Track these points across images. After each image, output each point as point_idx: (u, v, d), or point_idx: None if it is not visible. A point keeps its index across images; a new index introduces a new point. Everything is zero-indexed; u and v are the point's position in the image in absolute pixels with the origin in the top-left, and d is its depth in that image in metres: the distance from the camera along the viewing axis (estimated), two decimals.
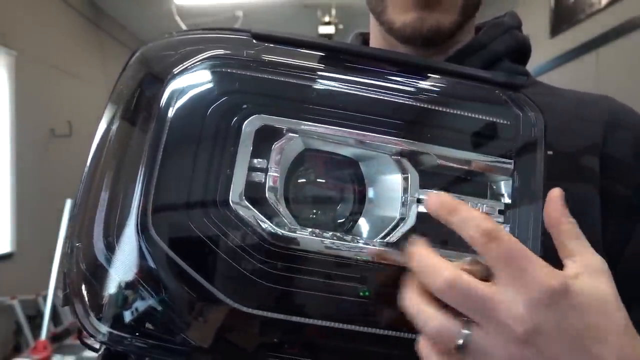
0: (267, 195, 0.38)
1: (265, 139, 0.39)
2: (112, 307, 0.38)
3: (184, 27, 6.15)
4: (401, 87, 0.42)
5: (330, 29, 5.89)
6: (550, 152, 0.47)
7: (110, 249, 0.38)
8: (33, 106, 4.59)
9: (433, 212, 0.35)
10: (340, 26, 5.90)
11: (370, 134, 0.40)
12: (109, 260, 0.38)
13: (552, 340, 0.31)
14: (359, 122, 0.40)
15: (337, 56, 0.44)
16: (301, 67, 0.42)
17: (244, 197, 0.38)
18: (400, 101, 0.41)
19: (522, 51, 0.64)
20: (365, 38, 0.68)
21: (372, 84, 0.42)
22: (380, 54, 0.46)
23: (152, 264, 0.37)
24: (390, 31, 0.55)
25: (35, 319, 4.23)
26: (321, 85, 0.41)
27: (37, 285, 4.25)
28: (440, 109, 0.42)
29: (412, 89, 0.43)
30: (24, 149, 4.40)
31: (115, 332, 0.38)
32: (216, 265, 0.37)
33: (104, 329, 0.38)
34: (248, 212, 0.38)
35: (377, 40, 0.62)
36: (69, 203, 4.03)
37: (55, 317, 4.37)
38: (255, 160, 0.39)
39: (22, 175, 4.34)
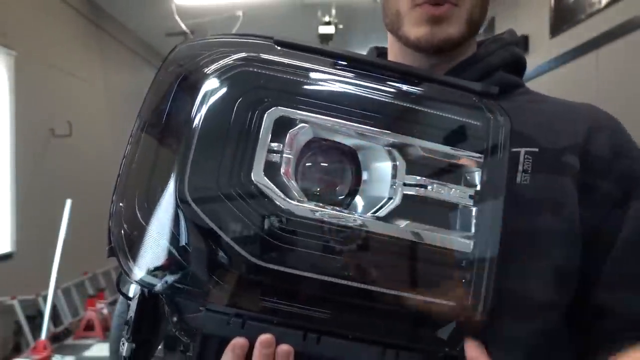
0: (281, 173, 0.47)
1: (282, 127, 0.47)
2: (147, 257, 0.48)
3: (184, 27, 6.15)
4: (394, 90, 0.52)
5: (330, 29, 5.89)
6: (536, 149, 0.60)
7: (149, 210, 0.48)
8: (33, 106, 4.59)
9: None
10: (340, 26, 5.90)
11: (367, 127, 0.49)
12: (147, 219, 0.48)
13: None
14: (359, 117, 0.49)
15: (344, 62, 0.53)
16: (313, 69, 0.51)
17: (263, 174, 0.46)
18: (393, 102, 0.51)
19: (517, 64, 0.70)
20: (380, 52, 0.76)
21: (371, 86, 0.51)
22: (379, 62, 0.56)
23: (184, 224, 0.46)
24: (407, 44, 0.65)
25: (35, 319, 4.23)
26: (329, 85, 0.50)
27: (37, 285, 4.24)
28: (425, 109, 0.51)
29: (403, 93, 0.52)
30: (24, 149, 4.40)
31: (149, 277, 0.48)
32: (237, 227, 0.45)
33: (140, 274, 0.48)
34: (266, 186, 0.46)
35: (394, 51, 0.72)
36: (69, 203, 4.04)
37: (55, 317, 4.37)
38: (273, 144, 0.47)
39: (22, 175, 4.34)
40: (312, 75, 0.51)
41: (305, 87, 0.50)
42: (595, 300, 0.60)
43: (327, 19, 5.94)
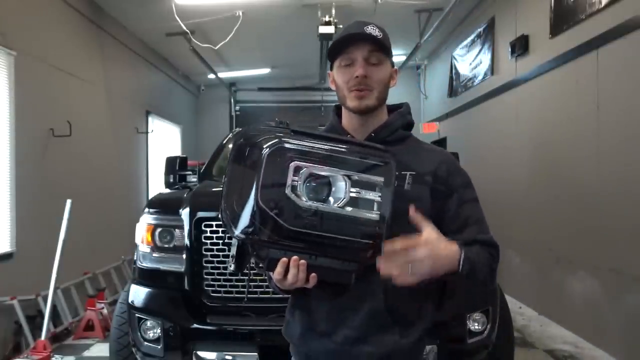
0: (297, 190, 1.08)
1: (296, 170, 1.08)
2: (241, 225, 1.08)
3: (184, 27, 6.16)
4: (349, 151, 1.14)
5: (330, 29, 5.88)
6: (413, 172, 1.27)
7: (239, 207, 1.09)
8: (33, 106, 4.59)
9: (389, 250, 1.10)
10: (340, 26, 5.89)
11: (333, 168, 1.10)
12: (242, 210, 1.09)
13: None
14: (331, 163, 1.11)
15: (323, 140, 1.14)
16: (312, 143, 1.12)
17: (290, 190, 1.07)
18: (347, 157, 1.12)
19: (408, 125, 1.38)
20: (337, 108, 1.42)
21: (335, 150, 1.13)
22: (340, 139, 1.19)
23: (258, 213, 1.07)
24: (349, 109, 1.33)
25: (35, 319, 4.23)
26: (316, 150, 1.11)
27: (37, 285, 4.25)
28: (361, 160, 1.13)
29: (351, 152, 1.14)
30: (24, 149, 4.40)
31: (241, 234, 1.09)
32: (281, 213, 1.06)
33: (236, 233, 1.09)
34: (291, 195, 1.07)
35: (345, 114, 1.37)
36: (69, 203, 4.04)
37: (55, 317, 4.37)
38: (294, 178, 1.08)
39: (22, 175, 4.35)
40: (311, 146, 1.11)
41: (306, 151, 1.10)
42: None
43: (327, 19, 5.94)
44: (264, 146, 1.08)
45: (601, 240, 4.01)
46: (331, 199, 1.09)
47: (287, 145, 1.09)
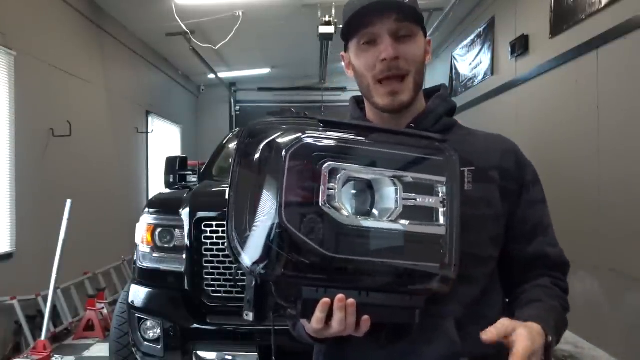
0: (335, 200, 0.79)
1: (332, 173, 0.80)
2: (258, 257, 0.78)
3: (184, 27, 6.15)
4: (392, 144, 0.86)
5: (330, 29, 5.88)
6: (473, 168, 0.98)
7: (253, 232, 0.79)
8: (33, 106, 4.59)
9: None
10: (340, 26, 5.89)
11: (377, 169, 0.83)
12: (257, 236, 0.78)
13: None
14: (373, 163, 0.83)
15: (359, 131, 0.86)
16: (347, 139, 0.84)
17: (326, 202, 0.78)
18: (392, 151, 0.85)
19: (452, 111, 1.09)
20: (357, 99, 1.12)
21: (378, 144, 0.85)
22: (382, 129, 0.91)
23: (285, 238, 0.76)
24: (377, 108, 1.02)
25: (35, 319, 4.23)
26: (352, 146, 0.83)
27: (37, 285, 4.25)
28: (412, 154, 0.86)
29: (398, 146, 0.86)
30: (24, 149, 4.40)
31: (260, 270, 0.78)
32: (317, 235, 0.77)
33: (252, 267, 0.78)
34: (327, 207, 0.78)
35: (369, 108, 1.07)
36: (69, 203, 4.04)
37: (55, 317, 4.37)
38: (330, 184, 0.79)
39: (22, 175, 4.34)
40: (342, 141, 0.83)
41: (342, 147, 0.82)
42: (512, 251, 1.04)
43: (327, 18, 5.94)
44: (283, 144, 0.79)
45: (601, 240, 4.00)
46: (375, 210, 0.82)
47: (313, 141, 0.80)
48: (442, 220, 0.84)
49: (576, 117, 4.37)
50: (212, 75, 9.24)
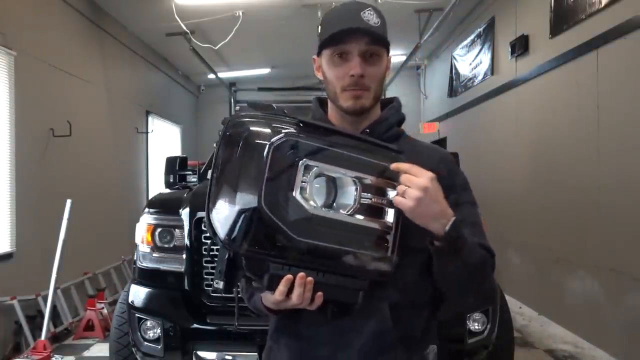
0: (306, 192, 0.94)
1: (306, 169, 0.94)
2: (236, 232, 0.91)
3: (184, 27, 6.16)
4: (359, 150, 1.02)
5: None
6: None
7: (233, 209, 0.91)
8: (33, 106, 4.59)
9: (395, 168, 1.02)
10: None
11: (342, 168, 0.98)
12: (237, 214, 0.91)
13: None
14: (340, 162, 0.98)
15: (333, 134, 1.02)
16: (319, 139, 0.98)
17: (298, 193, 0.93)
18: (358, 156, 1.00)
19: (401, 121, 1.28)
20: (320, 101, 1.29)
21: (348, 148, 1.00)
22: (355, 135, 1.08)
23: (256, 219, 0.90)
24: (341, 110, 1.19)
25: (35, 319, 4.23)
26: (326, 147, 0.98)
27: (37, 285, 4.25)
28: (374, 160, 1.02)
29: (364, 152, 1.02)
30: (24, 149, 4.40)
31: (236, 245, 0.91)
32: (288, 220, 0.91)
33: (228, 241, 0.91)
34: (299, 197, 0.92)
35: (333, 111, 1.24)
36: (69, 203, 4.04)
37: (55, 317, 4.37)
38: (303, 177, 0.93)
39: (22, 175, 4.34)
40: (319, 141, 0.97)
41: (318, 148, 0.96)
42: None
43: None
44: (268, 137, 0.92)
45: (601, 240, 4.00)
46: (335, 204, 0.97)
47: (296, 140, 0.94)
48: (389, 218, 1.01)
49: (576, 117, 4.37)
50: (212, 75, 9.24)
